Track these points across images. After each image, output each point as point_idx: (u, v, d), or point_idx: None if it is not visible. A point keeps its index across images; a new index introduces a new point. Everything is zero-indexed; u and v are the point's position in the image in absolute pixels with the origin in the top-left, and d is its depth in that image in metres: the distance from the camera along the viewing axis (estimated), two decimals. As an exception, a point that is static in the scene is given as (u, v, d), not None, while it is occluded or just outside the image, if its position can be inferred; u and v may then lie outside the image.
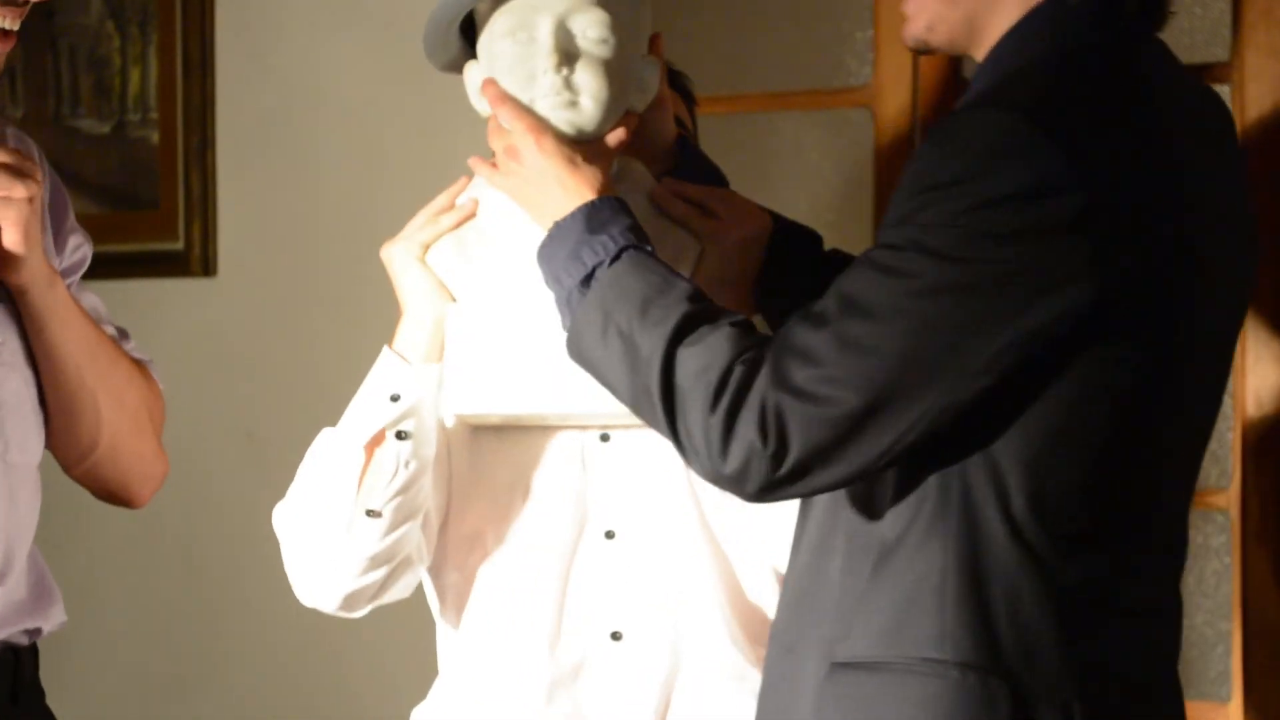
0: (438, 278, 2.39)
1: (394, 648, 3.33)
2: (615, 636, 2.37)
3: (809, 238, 2.49)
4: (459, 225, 2.41)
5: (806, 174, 4.13)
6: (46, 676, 2.62)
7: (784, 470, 1.92)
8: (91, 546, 3.83)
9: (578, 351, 2.15)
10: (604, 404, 2.27)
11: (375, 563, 2.34)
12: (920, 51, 2.25)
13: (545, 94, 2.29)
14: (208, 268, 4.16)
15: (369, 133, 4.11)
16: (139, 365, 2.71)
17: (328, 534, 2.32)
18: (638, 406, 2.07)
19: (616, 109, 2.34)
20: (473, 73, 2.37)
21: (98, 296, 2.75)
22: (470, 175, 2.50)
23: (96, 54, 4.29)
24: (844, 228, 3.83)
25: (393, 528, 2.31)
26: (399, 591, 2.42)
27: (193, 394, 3.74)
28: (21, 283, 2.41)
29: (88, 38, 4.26)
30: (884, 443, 1.92)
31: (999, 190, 1.90)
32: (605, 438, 2.41)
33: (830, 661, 2.01)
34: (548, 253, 2.19)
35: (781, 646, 2.15)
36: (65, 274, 2.63)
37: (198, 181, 4.18)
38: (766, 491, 1.99)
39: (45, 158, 2.66)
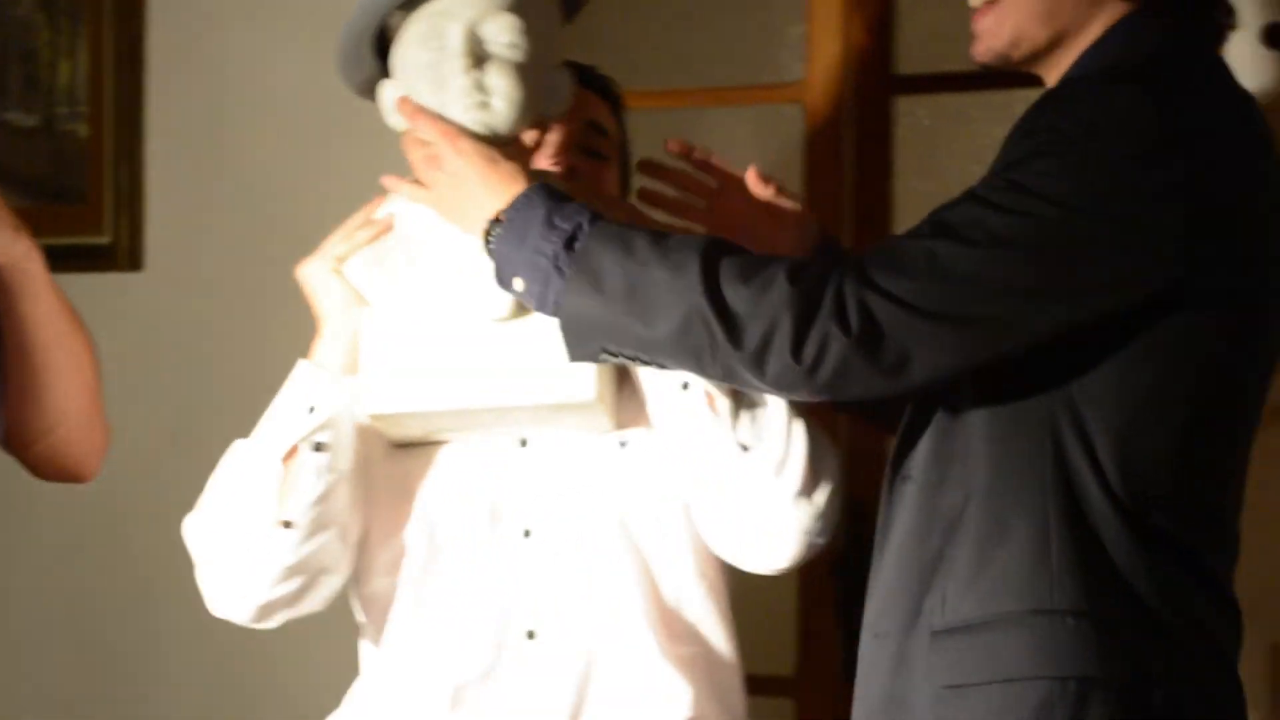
0: (354, 290, 2.41)
1: (326, 656, 3.23)
2: (530, 635, 2.38)
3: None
4: (375, 239, 2.44)
5: (738, 168, 4.15)
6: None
7: (866, 356, 1.98)
8: (11, 545, 3.78)
9: (583, 305, 2.16)
10: (516, 396, 2.37)
11: (290, 573, 2.34)
12: (991, 68, 2.34)
13: (457, 96, 2.32)
14: (135, 262, 4.10)
15: (301, 127, 4.06)
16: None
17: (242, 545, 2.32)
18: (685, 328, 2.08)
19: (529, 111, 2.36)
20: (386, 90, 2.41)
21: None
22: (384, 194, 2.52)
23: (25, 46, 4.25)
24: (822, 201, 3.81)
25: (308, 538, 2.32)
26: (313, 603, 2.43)
27: (118, 391, 3.46)
28: (12, 258, 2.41)
29: (16, 29, 4.24)
30: (961, 360, 2.02)
31: (1114, 151, 2.00)
32: (524, 443, 2.43)
33: (930, 631, 2.05)
34: (507, 240, 2.19)
35: (874, 634, 2.17)
36: None
37: (126, 175, 4.15)
38: (841, 377, 2.04)
39: None
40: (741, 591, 3.21)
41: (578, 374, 2.37)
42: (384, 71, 2.47)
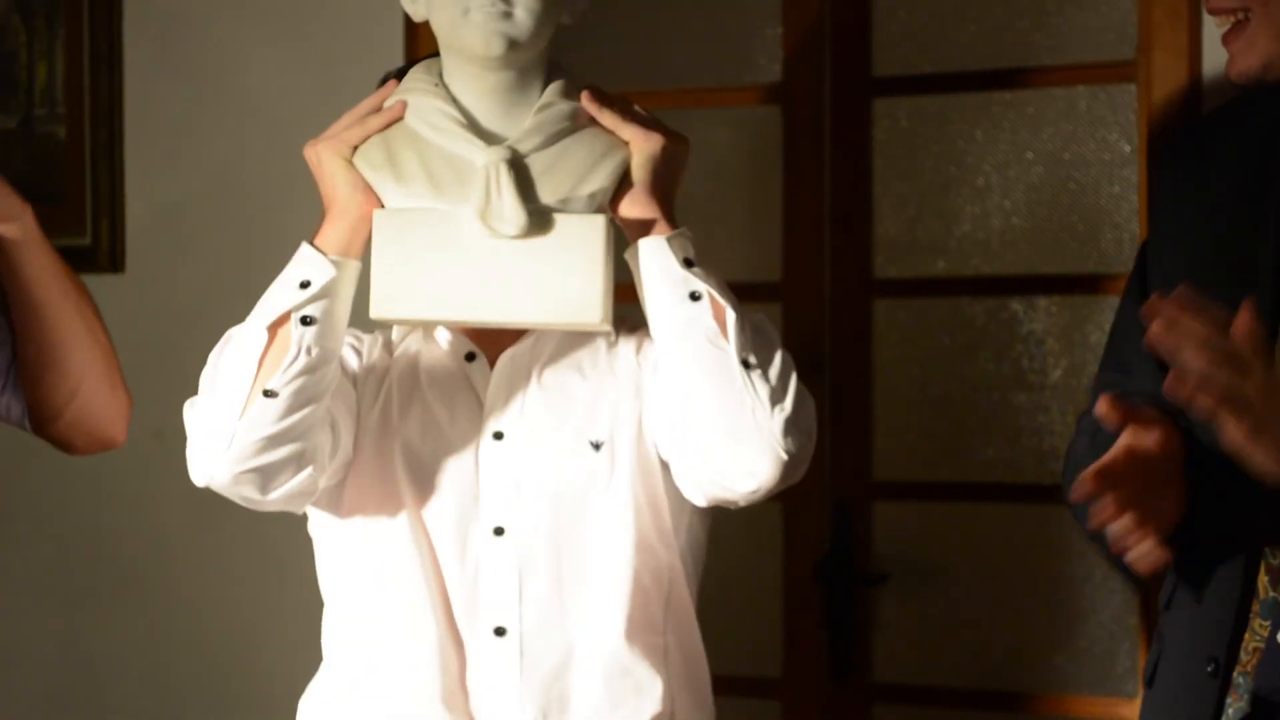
0: (364, 178, 2.39)
1: (295, 639, 3.16)
2: (499, 632, 2.39)
3: None
4: (386, 127, 2.42)
5: (717, 170, 4.06)
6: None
7: None
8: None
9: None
10: (525, 315, 2.38)
11: (270, 444, 2.31)
12: (1247, 84, 2.35)
13: (481, 5, 2.32)
14: (115, 263, 4.10)
15: (279, 127, 4.00)
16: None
17: (226, 409, 2.30)
18: None
19: (548, 21, 2.37)
20: None
21: None
22: (396, 80, 2.54)
23: (3, 48, 4.26)
24: (754, 226, 3.84)
25: (289, 411, 2.30)
26: (291, 491, 2.39)
27: None
28: (24, 234, 2.47)
29: None
30: None
31: None
32: (499, 435, 2.42)
33: None
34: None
35: None
36: None
37: (105, 177, 4.13)
38: None
39: None
40: (727, 594, 3.45)
41: (587, 297, 2.39)
42: None
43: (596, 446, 2.48)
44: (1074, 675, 3.52)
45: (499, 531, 2.42)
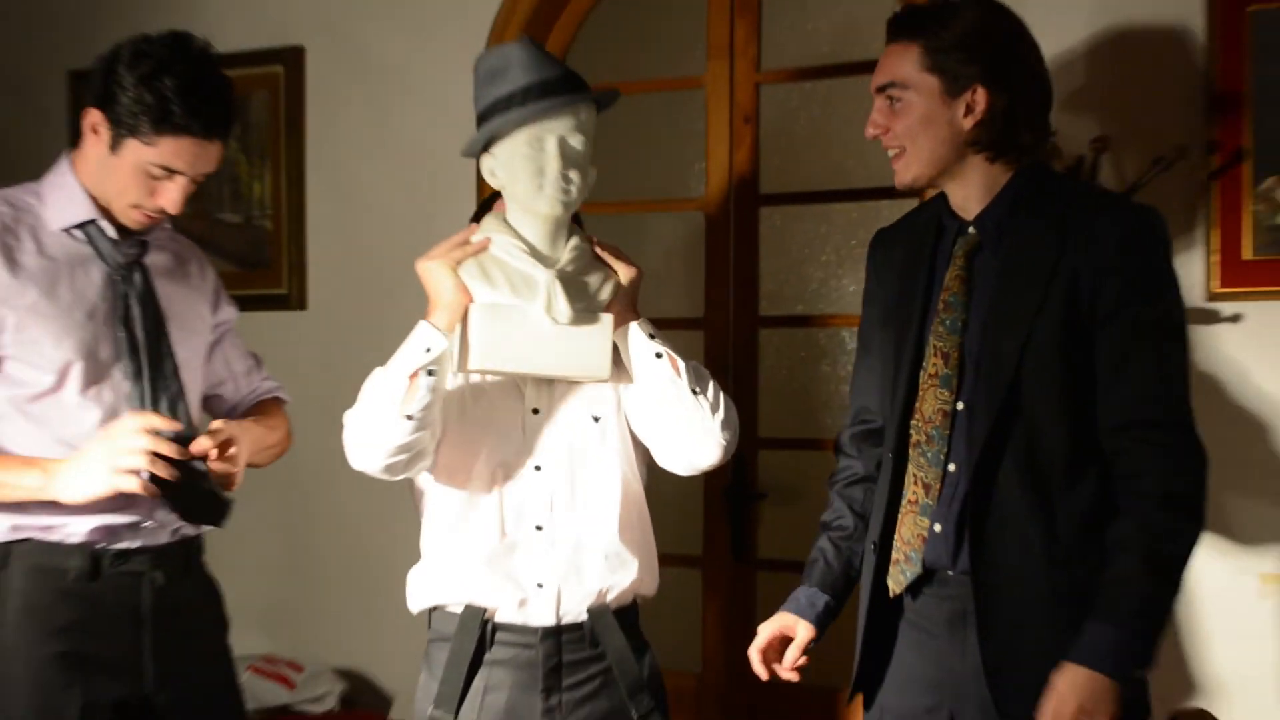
0: (463, 283, 2.67)
1: (406, 539, 3.24)
2: (538, 528, 2.75)
3: None
4: (478, 253, 2.70)
5: (662, 253, 4.52)
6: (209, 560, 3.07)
7: None
8: (246, 508, 3.26)
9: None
10: (562, 371, 2.72)
11: (401, 449, 2.65)
12: (907, 191, 2.74)
13: (553, 182, 2.66)
14: (302, 304, 4.75)
15: (406, 220, 4.56)
16: (275, 403, 3.19)
17: (379, 428, 2.62)
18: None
19: (587, 189, 2.73)
20: (486, 162, 2.76)
21: (240, 340, 3.20)
22: (475, 223, 2.82)
23: (233, 173, 4.76)
24: (688, 283, 4.36)
25: (417, 429, 2.63)
26: (416, 470, 2.74)
27: (298, 392, 3.79)
28: (246, 463, 2.85)
29: (228, 163, 4.50)
30: None
31: None
32: (535, 411, 2.77)
33: None
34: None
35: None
36: (220, 326, 3.11)
37: (295, 250, 4.73)
38: None
39: (201, 244, 3.21)
40: (670, 507, 3.72)
41: (600, 362, 2.73)
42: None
43: (595, 419, 2.82)
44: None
45: (538, 469, 2.76)
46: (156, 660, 2.83)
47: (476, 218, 2.92)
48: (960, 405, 2.57)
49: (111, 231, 2.86)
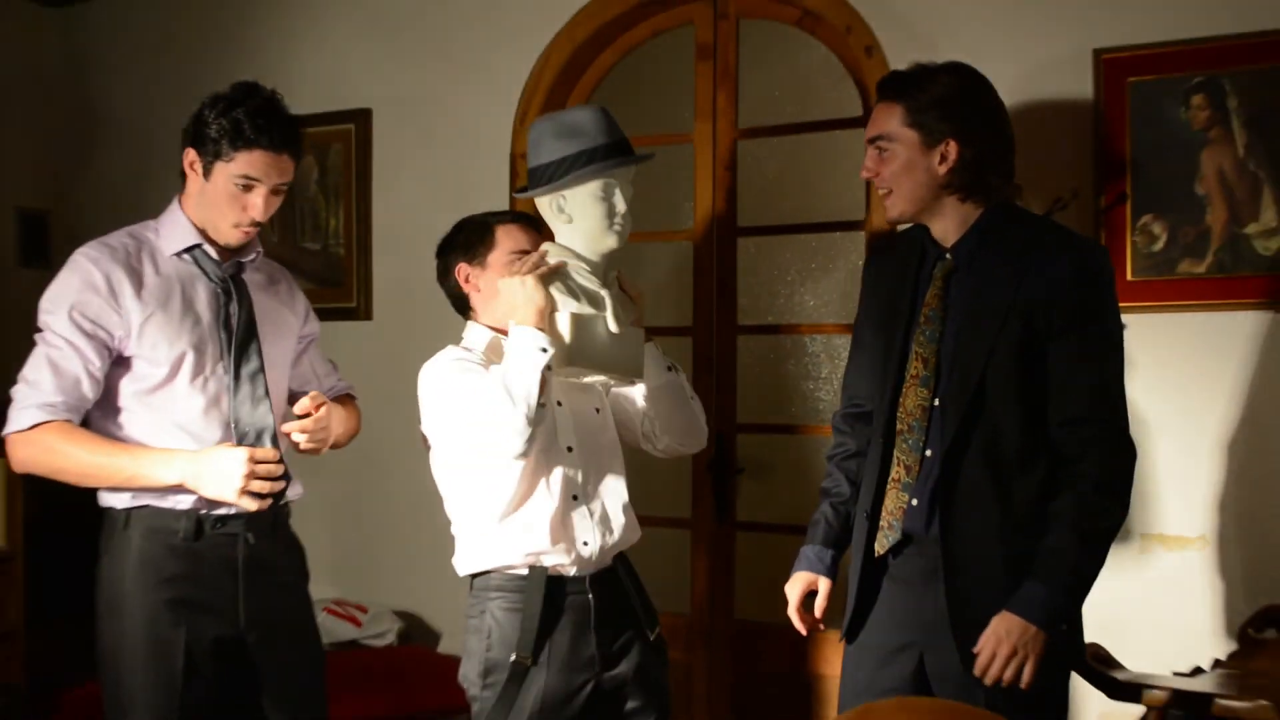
0: (550, 295, 2.67)
1: None
2: (574, 498, 2.78)
3: None
4: (555, 271, 2.70)
5: (658, 274, 4.56)
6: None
7: None
8: (318, 476, 3.31)
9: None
10: (615, 372, 2.75)
11: (537, 428, 2.65)
12: (895, 224, 2.75)
13: (618, 224, 2.71)
14: (369, 316, 4.76)
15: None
16: (349, 397, 3.19)
17: (523, 416, 2.58)
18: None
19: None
20: (550, 201, 2.73)
21: (320, 349, 3.19)
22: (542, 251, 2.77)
23: (314, 209, 4.84)
24: (678, 297, 4.34)
25: (540, 409, 2.63)
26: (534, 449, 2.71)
27: (366, 391, 3.71)
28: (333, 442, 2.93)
29: (308, 198, 4.81)
30: None
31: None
32: (560, 404, 2.80)
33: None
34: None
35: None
36: (306, 338, 3.11)
37: (363, 273, 4.77)
38: None
39: (287, 266, 3.19)
40: (664, 479, 4.09)
41: (639, 366, 2.80)
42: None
43: (597, 411, 2.90)
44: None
45: (569, 449, 2.80)
46: (248, 604, 2.83)
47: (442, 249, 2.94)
48: (936, 402, 2.57)
49: (214, 254, 2.88)
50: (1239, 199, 3.48)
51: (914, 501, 2.58)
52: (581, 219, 2.70)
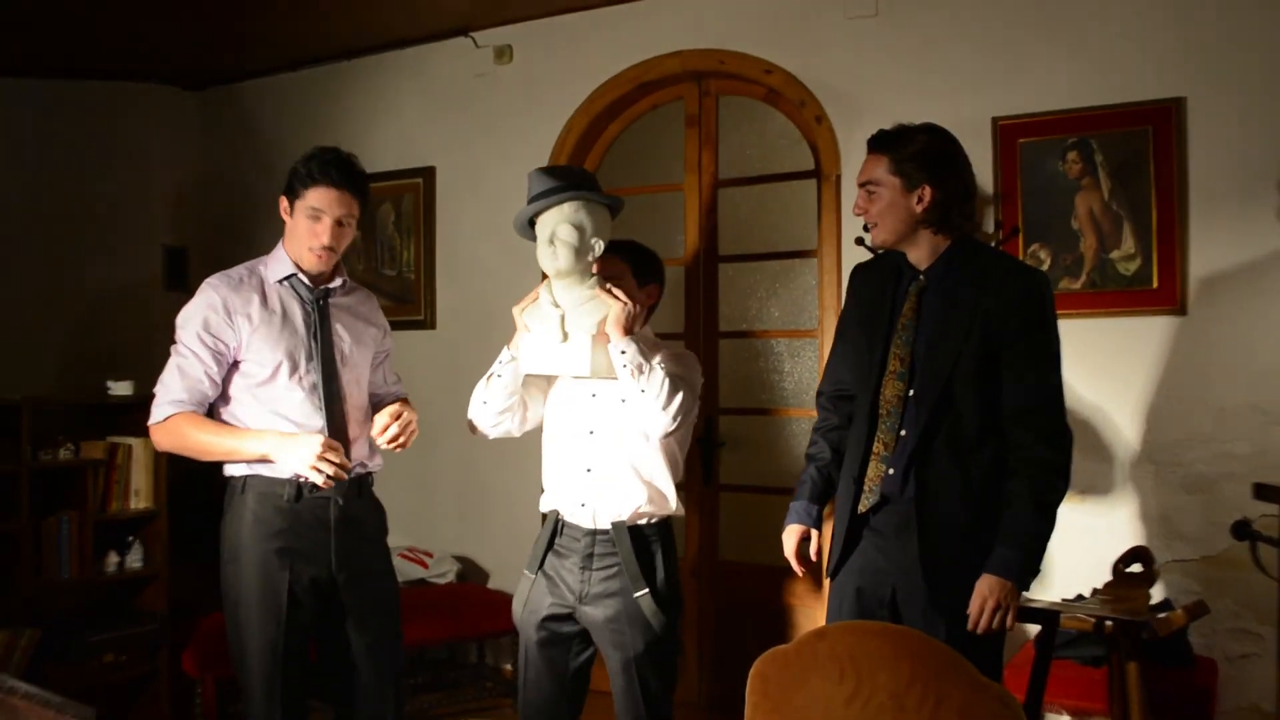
0: (523, 321, 2.63)
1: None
2: (588, 470, 2.68)
3: None
4: (532, 302, 2.63)
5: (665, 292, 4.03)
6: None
7: None
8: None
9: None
10: (560, 370, 2.60)
11: (500, 414, 2.67)
12: (879, 249, 2.59)
13: (545, 255, 2.54)
14: (434, 326, 4.69)
15: (498, 274, 4.49)
16: (405, 400, 2.96)
17: (492, 401, 2.65)
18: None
19: (575, 257, 2.55)
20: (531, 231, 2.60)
21: (390, 364, 3.00)
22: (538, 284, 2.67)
23: (391, 245, 4.81)
24: (673, 310, 4.23)
25: (507, 399, 2.66)
26: (502, 435, 2.71)
27: (426, 382, 4.10)
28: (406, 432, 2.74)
29: (386, 235, 4.80)
30: None
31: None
32: (594, 395, 2.68)
33: None
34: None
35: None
36: (382, 353, 2.94)
37: (428, 294, 4.72)
38: None
39: (370, 288, 3.08)
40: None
41: (580, 366, 2.59)
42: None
43: (623, 401, 2.68)
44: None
45: (591, 432, 2.69)
46: (338, 553, 2.77)
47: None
48: (911, 393, 2.50)
49: (306, 281, 2.83)
50: (1105, 231, 3.49)
51: (890, 471, 2.50)
52: (538, 252, 2.61)
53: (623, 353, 2.53)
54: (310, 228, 2.73)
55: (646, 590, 2.61)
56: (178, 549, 4.42)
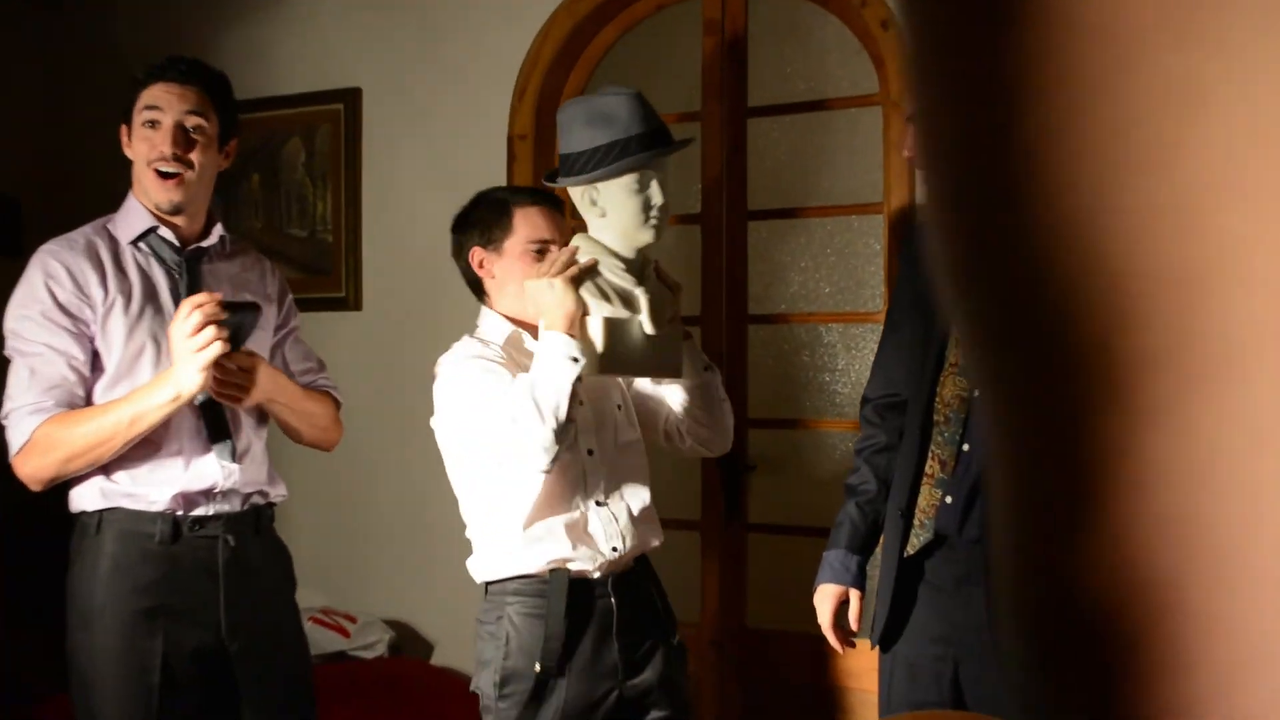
0: (581, 298, 2.65)
1: None
2: (599, 503, 2.80)
3: None
4: (587, 270, 2.67)
5: (664, 261, 3.69)
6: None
7: None
8: (303, 479, 3.53)
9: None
10: (653, 373, 2.79)
11: (562, 440, 2.63)
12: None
13: (654, 217, 2.68)
14: (358, 305, 4.81)
15: (446, 233, 3.77)
16: (325, 393, 3.09)
17: (549, 430, 2.56)
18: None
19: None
20: (585, 191, 2.69)
21: (304, 342, 3.14)
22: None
23: (300, 194, 4.90)
24: (691, 288, 3.58)
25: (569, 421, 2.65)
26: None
27: (352, 381, 3.90)
28: (256, 399, 2.81)
29: (296, 186, 4.88)
30: None
31: None
32: (582, 403, 2.76)
33: None
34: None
35: None
36: (282, 329, 3.06)
37: (352, 260, 4.81)
38: None
39: (270, 254, 3.16)
40: (676, 478, 4.13)
41: (678, 365, 2.79)
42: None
43: (619, 407, 2.92)
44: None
45: (590, 453, 2.82)
46: (229, 612, 2.82)
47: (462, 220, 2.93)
48: (975, 393, 2.51)
49: (171, 237, 2.87)
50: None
51: (947, 499, 2.54)
52: (615, 213, 2.68)
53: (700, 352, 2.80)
54: (148, 138, 2.76)
55: (678, 635, 2.84)
56: (8, 611, 4.48)
